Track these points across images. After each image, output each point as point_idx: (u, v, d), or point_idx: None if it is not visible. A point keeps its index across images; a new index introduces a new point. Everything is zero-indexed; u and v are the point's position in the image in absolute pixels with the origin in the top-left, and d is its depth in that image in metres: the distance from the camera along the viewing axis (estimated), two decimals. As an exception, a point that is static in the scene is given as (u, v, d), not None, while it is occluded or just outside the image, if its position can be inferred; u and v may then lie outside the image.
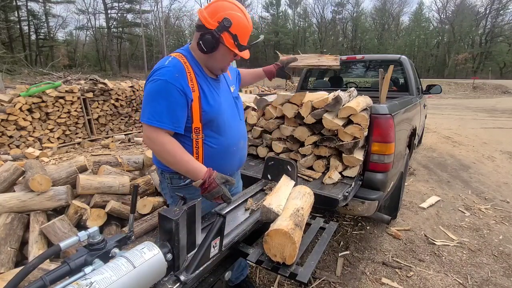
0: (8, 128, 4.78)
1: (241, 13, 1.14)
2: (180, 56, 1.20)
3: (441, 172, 4.19)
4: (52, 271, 0.66)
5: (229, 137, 1.30)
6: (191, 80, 1.16)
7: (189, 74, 1.16)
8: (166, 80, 1.10)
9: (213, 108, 1.21)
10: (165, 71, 1.13)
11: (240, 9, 1.14)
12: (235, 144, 1.34)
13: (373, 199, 1.85)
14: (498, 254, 2.26)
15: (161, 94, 1.11)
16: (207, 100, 1.20)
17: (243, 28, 1.14)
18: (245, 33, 1.16)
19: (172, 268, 0.80)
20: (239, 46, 1.15)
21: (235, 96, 1.41)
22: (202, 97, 1.19)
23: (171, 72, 1.12)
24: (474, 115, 10.33)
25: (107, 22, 36.50)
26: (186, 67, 1.17)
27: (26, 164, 2.39)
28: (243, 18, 1.14)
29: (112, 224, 2.38)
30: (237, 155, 1.38)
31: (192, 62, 1.21)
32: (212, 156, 1.27)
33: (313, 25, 54.44)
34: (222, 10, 1.11)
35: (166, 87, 1.10)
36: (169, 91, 1.10)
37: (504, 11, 40.11)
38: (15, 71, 18.29)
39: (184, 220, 0.80)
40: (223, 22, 1.08)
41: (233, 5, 1.14)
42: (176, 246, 0.79)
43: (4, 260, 1.83)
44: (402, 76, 3.53)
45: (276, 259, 1.00)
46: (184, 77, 1.14)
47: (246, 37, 1.17)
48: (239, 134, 1.38)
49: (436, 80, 26.49)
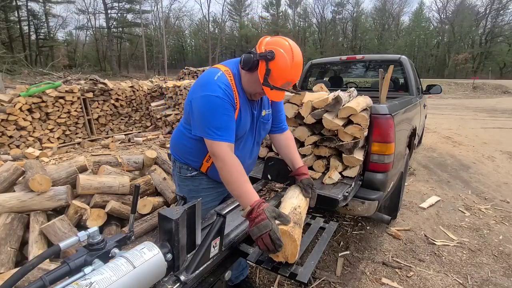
0: (8, 128, 4.78)
1: (289, 59, 1.10)
2: (228, 72, 1.22)
3: (441, 172, 4.19)
4: (52, 271, 0.66)
5: (240, 154, 1.29)
6: (236, 98, 1.20)
7: (235, 92, 1.20)
8: (220, 97, 1.13)
9: (241, 129, 1.26)
10: (217, 88, 1.14)
11: (292, 56, 1.11)
12: (244, 163, 1.33)
13: (373, 199, 1.85)
14: (498, 254, 2.26)
15: (218, 110, 1.13)
16: (241, 120, 1.25)
17: (281, 70, 1.11)
18: (280, 75, 1.12)
19: (172, 268, 0.80)
20: (268, 83, 1.12)
21: (264, 121, 1.40)
22: (239, 115, 1.24)
23: (222, 89, 1.15)
24: (474, 115, 10.32)
25: (107, 22, 36.51)
26: (232, 84, 1.20)
27: (26, 164, 2.39)
28: (287, 63, 1.10)
29: (112, 224, 2.38)
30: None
31: (237, 80, 1.23)
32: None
33: (313, 25, 54.44)
34: (276, 44, 1.13)
35: (222, 103, 1.14)
36: (224, 107, 1.14)
37: (504, 11, 40.11)
38: (15, 71, 18.30)
39: (184, 220, 0.80)
40: (267, 52, 1.10)
41: (289, 48, 1.11)
42: (176, 246, 0.79)
43: (4, 260, 1.83)
44: (402, 76, 3.53)
45: (278, 259, 1.00)
46: (232, 94, 1.18)
47: (279, 79, 1.12)
48: (249, 154, 1.40)
49: (436, 80, 26.48)
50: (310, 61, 4.28)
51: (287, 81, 1.14)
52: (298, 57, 1.13)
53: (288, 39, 1.16)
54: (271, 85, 1.11)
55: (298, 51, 1.14)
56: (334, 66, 4.48)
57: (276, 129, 1.52)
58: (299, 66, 1.15)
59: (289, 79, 1.14)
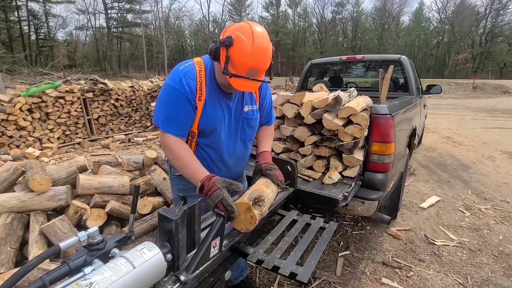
0: (8, 128, 4.78)
1: (249, 43, 1.03)
2: (199, 63, 1.21)
3: (441, 172, 4.18)
4: (52, 271, 0.66)
5: (219, 151, 1.31)
6: (200, 90, 1.18)
7: (200, 83, 1.18)
8: (175, 87, 1.14)
9: (210, 121, 1.23)
10: (176, 76, 1.16)
11: (252, 40, 1.03)
12: (222, 160, 1.34)
13: (373, 199, 1.85)
14: (498, 254, 2.26)
15: (170, 100, 1.16)
16: (207, 112, 1.22)
17: (240, 56, 1.04)
18: (241, 62, 1.04)
19: (172, 268, 0.80)
20: (227, 71, 1.05)
21: (248, 117, 1.35)
22: (204, 108, 1.21)
23: (181, 79, 1.15)
24: (474, 115, 10.33)
25: (107, 22, 36.52)
26: (199, 76, 1.18)
27: (26, 164, 2.39)
28: (246, 48, 1.03)
29: (112, 224, 2.38)
30: (224, 170, 1.38)
31: (208, 71, 1.22)
32: (200, 161, 1.30)
33: (313, 25, 54.48)
34: (236, 29, 1.06)
35: (174, 94, 1.15)
36: (176, 98, 1.15)
37: (504, 11, 40.13)
38: (15, 71, 18.30)
39: (183, 220, 0.80)
40: (225, 38, 1.04)
41: (250, 32, 1.04)
42: (176, 246, 0.79)
43: (4, 260, 1.83)
44: (402, 76, 3.53)
45: (239, 227, 1.08)
46: (193, 85, 1.17)
47: (241, 66, 1.05)
48: (232, 153, 1.35)
49: (436, 80, 26.49)
50: (310, 61, 4.28)
51: (250, 67, 1.06)
52: (260, 42, 1.04)
53: (252, 24, 1.08)
54: (230, 73, 1.04)
55: (261, 36, 1.05)
56: (334, 66, 4.48)
57: (260, 125, 1.51)
58: (262, 51, 1.06)
59: (252, 65, 1.05)
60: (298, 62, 50.00)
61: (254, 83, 1.12)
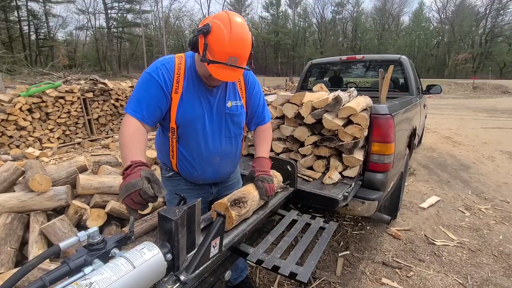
0: (8, 128, 4.78)
1: (227, 30, 1.03)
2: (180, 57, 1.22)
3: (441, 172, 4.18)
4: (52, 271, 0.66)
5: (201, 148, 1.27)
6: (177, 82, 1.18)
7: (178, 75, 1.18)
8: (150, 74, 1.15)
9: (187, 115, 1.21)
10: (154, 65, 1.18)
11: (230, 27, 1.03)
12: (205, 158, 1.29)
13: (373, 199, 1.85)
14: (498, 254, 2.25)
15: (142, 85, 1.16)
16: (184, 106, 1.20)
17: (218, 43, 1.03)
18: (219, 49, 1.04)
19: (172, 268, 0.80)
20: (205, 58, 1.05)
21: (231, 112, 1.31)
22: (181, 101, 1.19)
23: (158, 68, 1.16)
24: (474, 115, 10.33)
25: (107, 22, 36.54)
26: (177, 68, 1.19)
27: (26, 164, 2.39)
28: (223, 34, 1.03)
29: (112, 224, 2.38)
30: (209, 169, 1.33)
31: (189, 65, 1.21)
32: (182, 159, 1.30)
33: (313, 25, 54.48)
34: (215, 18, 1.07)
35: (148, 79, 1.15)
36: (148, 83, 1.15)
37: (504, 11, 40.13)
38: (15, 71, 18.30)
39: (183, 220, 0.80)
40: (203, 26, 1.05)
41: (227, 20, 1.04)
42: (176, 246, 0.79)
43: (4, 260, 1.83)
44: (402, 76, 3.53)
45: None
46: (170, 75, 1.17)
47: (219, 53, 1.04)
48: (215, 150, 1.30)
49: (436, 80, 26.49)
50: (310, 61, 4.27)
51: (229, 55, 1.05)
52: (238, 29, 1.04)
53: (230, 12, 1.08)
54: (208, 59, 1.04)
55: (239, 24, 1.05)
56: (334, 66, 4.48)
57: (255, 126, 1.48)
58: (241, 38, 1.05)
59: (230, 52, 1.04)
60: (298, 62, 50.00)
61: (234, 72, 1.10)
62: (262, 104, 1.46)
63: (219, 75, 1.08)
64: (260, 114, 1.46)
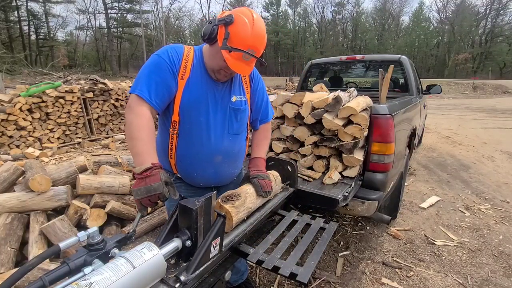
0: (8, 128, 4.78)
1: (250, 24, 1.05)
2: (189, 48, 1.23)
3: (441, 172, 4.18)
4: (52, 271, 0.66)
5: (203, 144, 1.22)
6: (185, 68, 1.17)
7: (186, 61, 1.17)
8: (159, 55, 1.14)
9: (191, 103, 1.17)
10: (163, 49, 1.17)
11: (253, 22, 1.06)
12: (206, 156, 1.24)
13: (373, 199, 1.85)
14: (498, 254, 2.25)
15: (150, 66, 1.13)
16: (189, 93, 1.17)
17: (240, 34, 1.05)
18: (240, 41, 1.05)
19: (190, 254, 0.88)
20: (226, 45, 1.05)
21: (235, 107, 1.27)
22: (187, 87, 1.17)
23: (167, 50, 1.16)
24: (474, 115, 10.33)
25: (107, 22, 36.55)
26: (186, 55, 1.18)
27: (26, 164, 2.39)
28: (247, 27, 1.05)
29: (112, 224, 2.38)
30: (210, 169, 1.28)
31: (197, 57, 1.21)
32: (182, 157, 1.25)
33: (313, 25, 54.48)
34: (237, 11, 1.08)
35: (157, 61, 1.13)
36: (158, 65, 1.13)
37: (504, 11, 40.13)
38: (15, 71, 18.29)
39: (202, 210, 0.87)
40: (226, 16, 1.06)
41: (251, 15, 1.07)
42: (195, 234, 0.87)
43: (4, 260, 1.83)
44: (402, 76, 3.53)
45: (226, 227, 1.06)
46: (178, 59, 1.16)
47: (239, 45, 1.05)
48: (216, 147, 1.25)
49: (436, 80, 26.50)
50: (310, 61, 4.27)
51: (249, 47, 1.06)
52: (259, 23, 1.08)
53: (252, 9, 1.12)
54: (230, 47, 1.04)
55: (261, 20, 1.10)
56: (334, 66, 4.48)
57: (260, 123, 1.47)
58: (261, 35, 1.09)
59: (250, 45, 1.06)
60: (298, 62, 49.99)
61: (247, 65, 1.12)
62: (266, 100, 1.47)
63: (235, 66, 1.09)
64: (264, 110, 1.46)
